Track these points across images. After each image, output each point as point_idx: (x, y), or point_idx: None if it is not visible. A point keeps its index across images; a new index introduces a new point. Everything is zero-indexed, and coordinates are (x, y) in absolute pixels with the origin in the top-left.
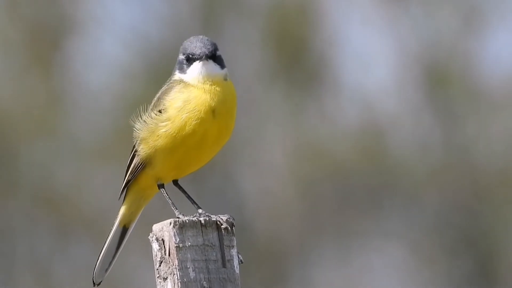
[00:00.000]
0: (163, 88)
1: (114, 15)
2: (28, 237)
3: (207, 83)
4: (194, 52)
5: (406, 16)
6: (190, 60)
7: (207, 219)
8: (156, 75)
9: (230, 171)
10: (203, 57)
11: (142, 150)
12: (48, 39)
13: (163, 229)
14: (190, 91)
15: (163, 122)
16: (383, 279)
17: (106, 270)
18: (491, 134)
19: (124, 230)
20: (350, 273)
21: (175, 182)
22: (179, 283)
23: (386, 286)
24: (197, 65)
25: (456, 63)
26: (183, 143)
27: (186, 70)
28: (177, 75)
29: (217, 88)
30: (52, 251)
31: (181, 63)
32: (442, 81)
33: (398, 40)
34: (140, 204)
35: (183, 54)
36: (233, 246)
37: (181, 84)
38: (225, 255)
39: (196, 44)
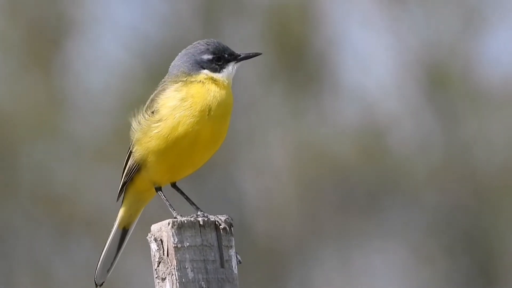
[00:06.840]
0: (157, 89)
1: (114, 15)
2: (28, 237)
3: (224, 83)
4: (232, 52)
5: (406, 16)
6: (226, 59)
7: (206, 219)
8: (156, 75)
9: (230, 171)
10: (237, 58)
11: (136, 152)
12: (48, 39)
13: (162, 229)
14: (190, 88)
15: (156, 123)
16: (383, 279)
17: (108, 270)
18: (491, 134)
19: (124, 231)
20: (350, 273)
21: (173, 185)
22: (177, 284)
23: (386, 286)
24: (232, 66)
25: (456, 63)
26: (176, 145)
27: (220, 69)
28: (204, 74)
29: (221, 90)
30: (52, 251)
31: (208, 61)
32: (442, 81)
33: (398, 40)
34: (139, 206)
35: (213, 54)
36: (231, 246)
37: (179, 83)
38: (224, 255)
39: (226, 46)
